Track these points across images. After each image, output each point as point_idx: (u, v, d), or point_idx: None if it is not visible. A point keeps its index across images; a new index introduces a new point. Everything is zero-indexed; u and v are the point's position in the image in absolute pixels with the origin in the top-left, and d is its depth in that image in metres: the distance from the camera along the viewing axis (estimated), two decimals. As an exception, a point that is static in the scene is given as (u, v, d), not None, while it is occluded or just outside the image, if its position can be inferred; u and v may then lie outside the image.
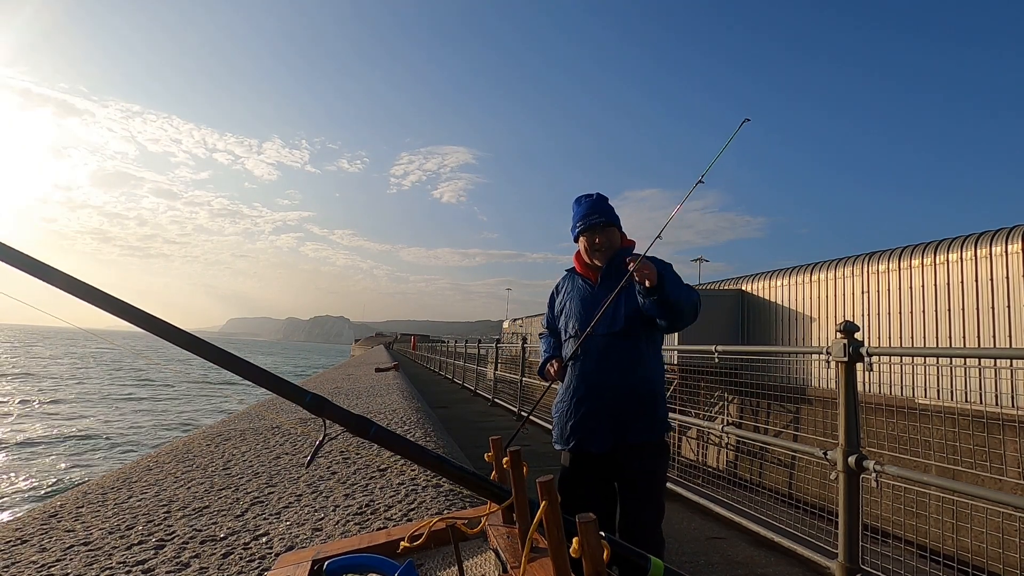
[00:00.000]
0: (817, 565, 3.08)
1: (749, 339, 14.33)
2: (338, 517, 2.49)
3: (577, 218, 2.20)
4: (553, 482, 0.80)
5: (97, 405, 24.68)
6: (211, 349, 1.06)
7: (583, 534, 0.70)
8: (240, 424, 5.76)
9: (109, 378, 37.06)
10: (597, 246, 2.15)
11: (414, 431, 4.78)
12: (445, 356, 20.51)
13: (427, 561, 1.10)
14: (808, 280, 13.03)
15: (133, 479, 3.41)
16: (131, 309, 1.02)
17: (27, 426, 18.65)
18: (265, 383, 1.07)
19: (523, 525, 0.93)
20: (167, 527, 2.44)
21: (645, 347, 2.11)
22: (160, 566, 2.00)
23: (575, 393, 2.11)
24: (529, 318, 33.13)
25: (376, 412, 6.16)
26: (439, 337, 49.28)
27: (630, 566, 0.95)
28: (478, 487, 1.12)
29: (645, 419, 2.04)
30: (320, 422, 1.09)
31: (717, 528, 3.83)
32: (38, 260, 1.00)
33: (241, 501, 2.82)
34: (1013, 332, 9.23)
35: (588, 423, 2.07)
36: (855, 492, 2.75)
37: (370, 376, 12.91)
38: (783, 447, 3.79)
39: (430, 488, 2.89)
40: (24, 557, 2.11)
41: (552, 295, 2.42)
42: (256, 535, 2.30)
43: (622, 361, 2.06)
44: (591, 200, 2.20)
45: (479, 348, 14.56)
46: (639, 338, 2.09)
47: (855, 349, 2.72)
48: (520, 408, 9.32)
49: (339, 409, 1.09)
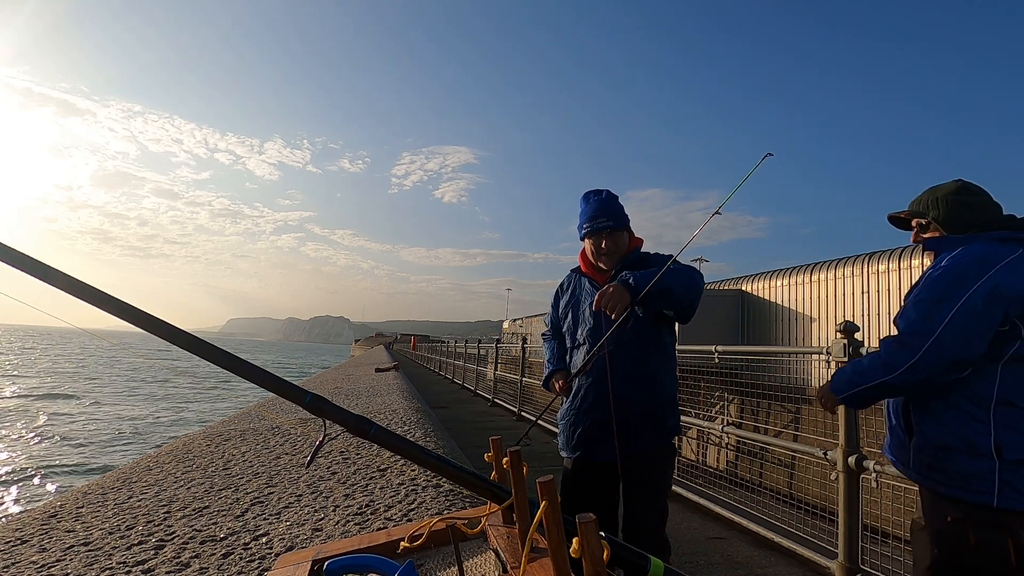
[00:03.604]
0: (817, 565, 3.08)
1: (749, 339, 14.33)
2: (338, 517, 2.49)
3: (584, 219, 2.12)
4: (553, 482, 0.80)
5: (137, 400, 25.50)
6: (211, 349, 1.06)
7: (583, 534, 0.70)
8: (240, 424, 5.76)
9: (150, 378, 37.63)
10: (604, 251, 2.09)
11: (414, 431, 4.77)
12: (445, 356, 20.51)
13: (427, 561, 1.10)
14: (808, 280, 13.03)
15: (133, 479, 3.41)
16: (131, 309, 1.02)
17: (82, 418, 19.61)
18: (265, 383, 1.07)
19: (523, 525, 0.93)
20: (167, 527, 2.44)
21: (655, 354, 2.05)
22: (160, 566, 2.00)
23: (583, 402, 2.07)
24: (529, 318, 33.13)
25: (376, 412, 6.16)
26: (439, 337, 49.27)
27: (630, 566, 0.95)
28: (478, 487, 1.12)
29: (654, 428, 2.01)
30: (320, 422, 1.09)
31: (717, 528, 3.83)
32: (38, 260, 1.00)
33: (241, 501, 2.82)
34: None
35: (596, 432, 2.02)
36: (855, 492, 2.75)
37: (370, 376, 12.90)
38: (783, 447, 3.79)
39: (430, 488, 2.89)
40: (24, 557, 2.11)
41: (556, 294, 2.35)
42: (256, 535, 2.30)
43: (631, 370, 2.00)
44: (599, 200, 2.10)
45: (479, 348, 14.56)
46: (648, 345, 2.04)
47: (855, 349, 2.72)
48: (520, 408, 9.32)
49: (339, 409, 1.09)
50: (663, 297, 1.88)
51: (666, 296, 1.88)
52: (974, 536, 1.44)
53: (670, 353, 2.14)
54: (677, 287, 1.88)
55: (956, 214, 1.61)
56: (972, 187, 1.65)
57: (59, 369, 42.84)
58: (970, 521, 1.46)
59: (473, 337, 23.61)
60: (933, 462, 1.52)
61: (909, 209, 1.73)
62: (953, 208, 1.62)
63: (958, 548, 1.47)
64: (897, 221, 1.81)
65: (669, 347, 2.13)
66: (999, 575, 1.42)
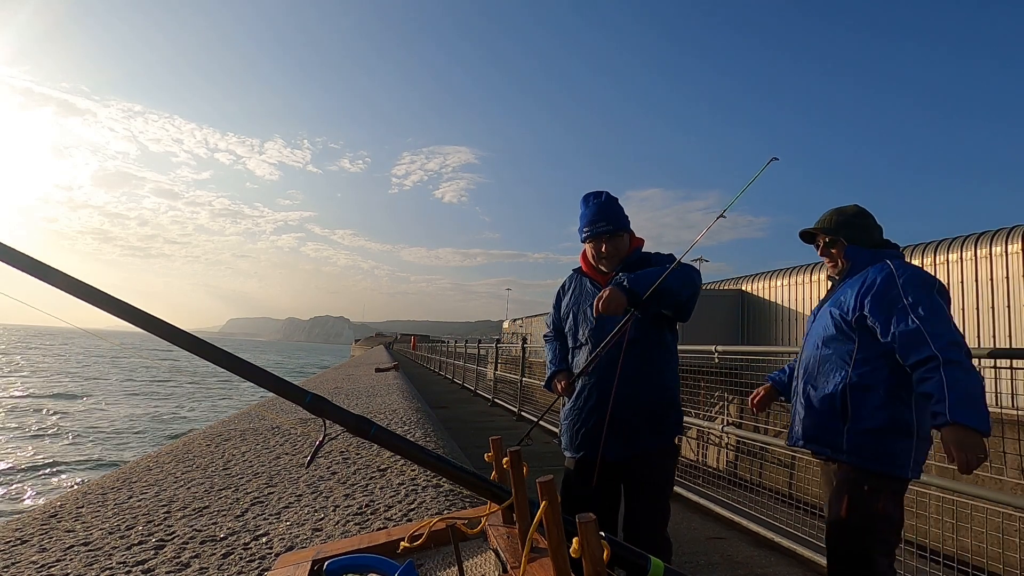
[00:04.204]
0: (817, 565, 3.09)
1: (749, 339, 14.33)
2: (338, 517, 2.49)
3: (584, 222, 2.12)
4: (553, 482, 0.80)
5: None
6: (211, 349, 1.06)
7: (583, 534, 0.70)
8: (240, 424, 5.76)
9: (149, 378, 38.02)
10: (604, 254, 2.09)
11: (414, 431, 4.77)
12: (445, 356, 20.51)
13: (427, 561, 1.10)
14: (808, 280, 13.03)
15: (133, 479, 3.41)
16: (131, 309, 1.02)
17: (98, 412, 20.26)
18: (265, 383, 1.07)
19: (523, 525, 0.93)
20: (167, 527, 2.44)
21: (657, 353, 2.06)
22: (160, 566, 2.00)
23: (586, 402, 2.07)
24: (529, 318, 33.11)
25: (376, 412, 6.16)
26: (439, 337, 49.25)
27: (630, 566, 0.95)
28: (478, 487, 1.12)
29: (656, 427, 2.01)
30: (320, 422, 1.09)
31: (717, 528, 3.83)
32: (38, 260, 1.00)
33: (241, 501, 2.82)
34: (1013, 332, 9.23)
35: (598, 432, 2.02)
36: (855, 492, 2.74)
37: (370, 376, 12.90)
38: (783, 447, 3.79)
39: (430, 488, 2.89)
40: (24, 557, 2.11)
41: (558, 294, 2.35)
42: (256, 535, 2.30)
43: (634, 370, 2.01)
44: (599, 203, 2.10)
45: (479, 348, 14.56)
46: (650, 344, 2.04)
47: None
48: (520, 408, 9.32)
49: (339, 409, 1.09)
50: (659, 297, 1.89)
51: (662, 296, 1.89)
52: (882, 504, 1.75)
53: (672, 352, 2.14)
54: (674, 285, 1.89)
55: (859, 234, 1.96)
56: (867, 212, 2.01)
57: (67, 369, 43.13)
58: (882, 491, 1.76)
59: (473, 337, 23.61)
60: (869, 442, 1.77)
61: (819, 226, 2.02)
62: (857, 229, 1.97)
63: (869, 513, 1.76)
64: (806, 236, 2.09)
65: (671, 346, 2.14)
66: (892, 534, 1.78)
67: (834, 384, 1.86)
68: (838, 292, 1.96)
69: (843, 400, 1.83)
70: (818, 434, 1.90)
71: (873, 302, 1.78)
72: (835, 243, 1.99)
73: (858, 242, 1.96)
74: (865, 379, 1.80)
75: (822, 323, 1.96)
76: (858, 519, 1.78)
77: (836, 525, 1.83)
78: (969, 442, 1.50)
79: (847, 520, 1.79)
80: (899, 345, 1.69)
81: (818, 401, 1.90)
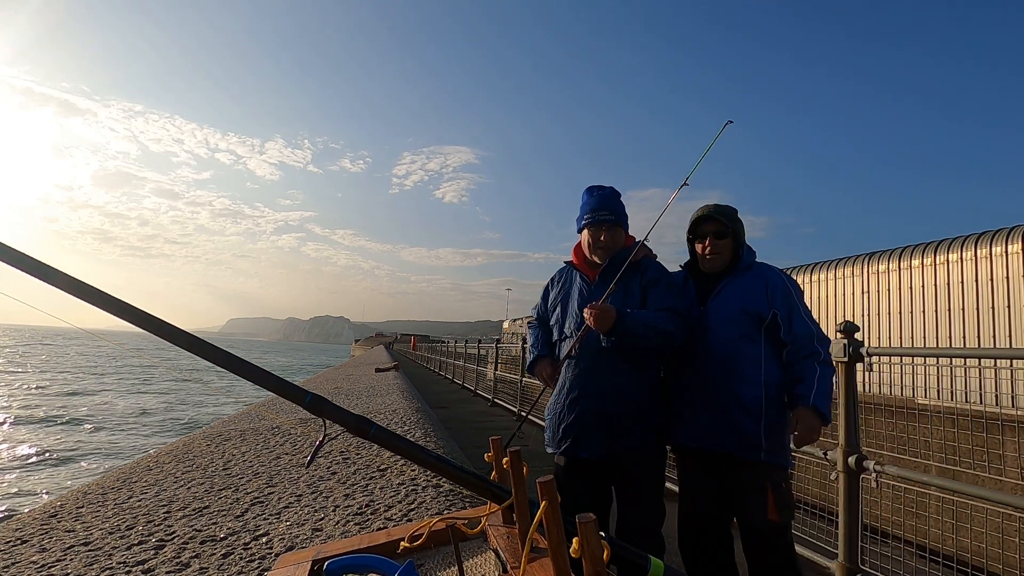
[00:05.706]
0: (817, 565, 3.08)
1: (749, 339, 14.30)
2: (338, 517, 2.49)
3: (586, 209, 2.14)
4: (553, 482, 0.81)
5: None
6: (212, 349, 1.06)
7: (583, 534, 0.70)
8: (240, 424, 5.76)
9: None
10: (601, 243, 2.10)
11: (414, 431, 4.77)
12: (445, 356, 20.50)
13: (427, 561, 1.10)
14: (808, 280, 13.03)
15: (133, 479, 3.41)
16: (131, 309, 1.02)
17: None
18: (265, 383, 1.07)
19: (523, 525, 0.93)
20: (167, 527, 2.44)
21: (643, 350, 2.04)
22: (160, 566, 2.00)
23: (568, 395, 2.05)
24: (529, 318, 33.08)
25: (376, 412, 6.16)
26: (439, 337, 49.23)
27: (630, 566, 0.95)
28: (478, 487, 1.12)
29: (639, 425, 1.99)
30: (320, 422, 1.09)
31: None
32: (38, 260, 1.00)
33: (241, 501, 2.82)
34: (1013, 332, 9.22)
35: (581, 426, 2.01)
36: (855, 492, 2.75)
37: (370, 376, 12.90)
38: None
39: (430, 488, 2.89)
40: (24, 557, 2.11)
41: (547, 287, 2.36)
42: (256, 535, 2.30)
43: (617, 365, 2.00)
44: (603, 194, 2.14)
45: (479, 348, 14.55)
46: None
47: (855, 349, 2.72)
48: (520, 408, 9.31)
49: (339, 409, 1.09)
50: (635, 341, 1.93)
51: (638, 342, 1.93)
52: (791, 495, 1.93)
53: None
54: (653, 341, 1.94)
55: (743, 234, 2.07)
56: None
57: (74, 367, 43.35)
58: (787, 482, 1.92)
59: (473, 337, 23.59)
60: (778, 439, 1.89)
61: (720, 216, 2.04)
62: (742, 229, 2.07)
63: (789, 506, 1.88)
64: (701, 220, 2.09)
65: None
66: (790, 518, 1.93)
67: (751, 383, 1.89)
68: (732, 287, 1.99)
69: (758, 399, 1.89)
70: (729, 434, 1.90)
71: (782, 304, 1.92)
72: (729, 235, 2.03)
73: (739, 240, 2.05)
74: (773, 377, 1.90)
75: (728, 318, 1.96)
76: (788, 517, 1.88)
77: (769, 528, 1.86)
78: (815, 425, 1.81)
79: (780, 522, 1.86)
80: (795, 343, 1.89)
81: (732, 399, 1.90)
